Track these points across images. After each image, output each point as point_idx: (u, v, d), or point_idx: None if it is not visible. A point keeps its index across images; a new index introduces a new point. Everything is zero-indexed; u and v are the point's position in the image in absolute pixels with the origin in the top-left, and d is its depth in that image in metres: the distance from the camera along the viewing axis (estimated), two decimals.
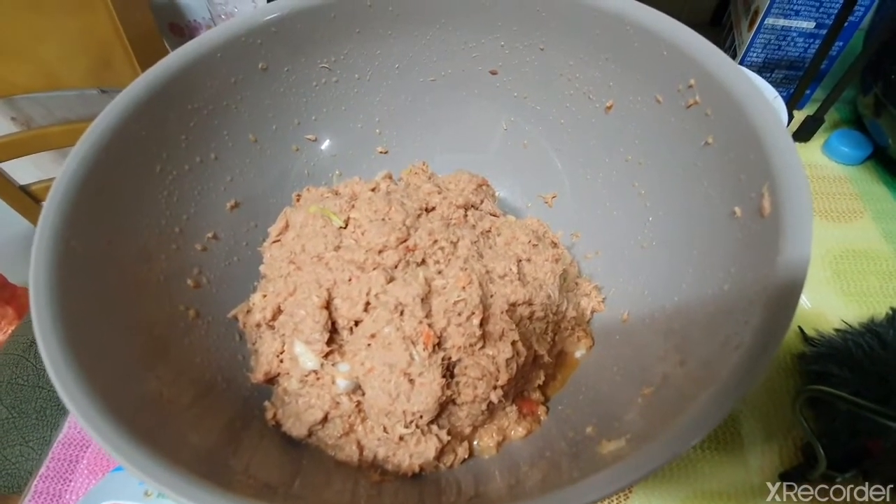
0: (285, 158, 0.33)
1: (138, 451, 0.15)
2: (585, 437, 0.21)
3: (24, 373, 0.75)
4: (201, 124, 0.28)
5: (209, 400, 0.23)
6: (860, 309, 0.34)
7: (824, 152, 0.43)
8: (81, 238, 0.20)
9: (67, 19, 0.54)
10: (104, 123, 0.23)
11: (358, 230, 0.25)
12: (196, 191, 0.28)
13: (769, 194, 0.19)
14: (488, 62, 0.33)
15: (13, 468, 0.64)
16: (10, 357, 0.71)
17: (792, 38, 0.42)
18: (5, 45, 0.57)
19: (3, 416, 0.65)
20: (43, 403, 0.74)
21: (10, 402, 0.68)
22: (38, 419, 0.73)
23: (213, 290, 0.27)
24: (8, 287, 0.93)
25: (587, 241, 0.32)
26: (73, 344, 0.17)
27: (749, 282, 0.18)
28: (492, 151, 0.36)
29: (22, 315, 0.94)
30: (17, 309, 0.92)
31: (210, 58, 0.27)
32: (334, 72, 0.33)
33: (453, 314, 0.22)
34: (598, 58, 0.29)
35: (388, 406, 0.21)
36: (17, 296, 0.93)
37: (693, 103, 0.24)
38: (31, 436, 0.70)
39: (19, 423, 0.71)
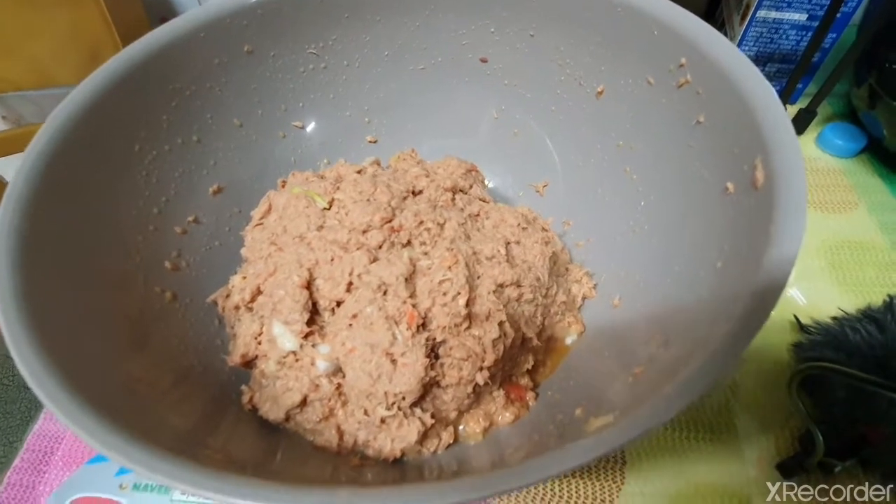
0: (271, 145, 0.33)
1: (111, 432, 0.14)
2: (574, 418, 0.20)
3: (9, 373, 0.74)
4: (184, 105, 0.28)
5: (187, 386, 0.22)
6: (856, 299, 0.33)
7: (818, 145, 0.43)
8: (51, 213, 0.19)
9: (58, 14, 0.54)
10: (80, 97, 0.22)
11: (342, 210, 0.25)
12: (177, 173, 0.27)
13: (762, 165, 0.18)
14: (478, 49, 0.33)
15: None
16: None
17: (784, 31, 0.42)
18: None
19: None
20: (28, 405, 0.73)
21: None
22: (23, 420, 0.71)
23: (192, 274, 0.27)
24: None
25: (579, 229, 0.32)
26: (40, 327, 0.16)
27: (744, 256, 0.18)
28: (482, 140, 0.36)
29: None
30: None
31: (193, 37, 0.27)
32: (322, 58, 0.33)
33: (438, 294, 0.22)
34: (589, 42, 0.29)
35: (369, 387, 0.20)
36: None
37: (684, 83, 0.24)
38: (15, 436, 0.69)
39: (3, 424, 0.70)
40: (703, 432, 0.29)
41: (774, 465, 0.27)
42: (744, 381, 0.30)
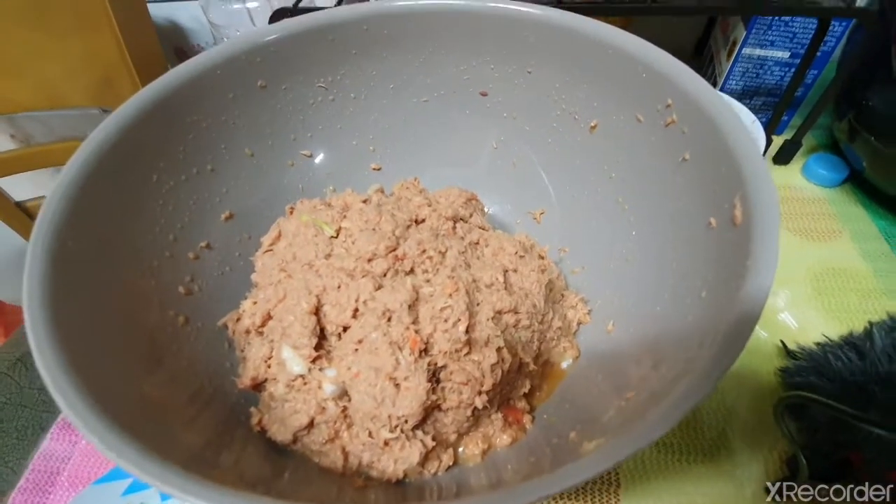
0: (280, 173, 0.34)
1: (128, 444, 0.15)
2: (569, 441, 0.21)
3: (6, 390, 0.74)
4: (199, 137, 0.29)
5: (198, 406, 0.23)
6: (840, 325, 0.34)
7: (804, 175, 0.45)
8: (78, 238, 0.21)
9: (72, 40, 0.56)
10: (105, 132, 0.24)
11: (349, 239, 0.26)
12: (191, 201, 0.29)
13: (741, 204, 0.20)
14: (479, 84, 0.35)
15: None
16: None
17: (768, 67, 0.45)
18: (8, 64, 0.58)
19: None
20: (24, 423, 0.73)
21: None
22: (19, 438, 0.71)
23: (204, 298, 0.28)
24: None
25: (574, 256, 0.33)
26: (66, 344, 0.17)
27: (723, 286, 0.19)
28: (482, 169, 0.37)
29: (9, 333, 0.93)
30: (4, 326, 0.91)
31: (210, 74, 0.28)
32: (331, 91, 0.34)
33: (440, 320, 0.23)
34: (583, 80, 0.30)
35: (373, 410, 0.21)
36: (5, 313, 0.92)
37: (671, 122, 0.26)
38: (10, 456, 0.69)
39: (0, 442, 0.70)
40: (696, 455, 0.29)
41: (763, 487, 0.27)
42: (736, 405, 0.31)
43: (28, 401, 0.69)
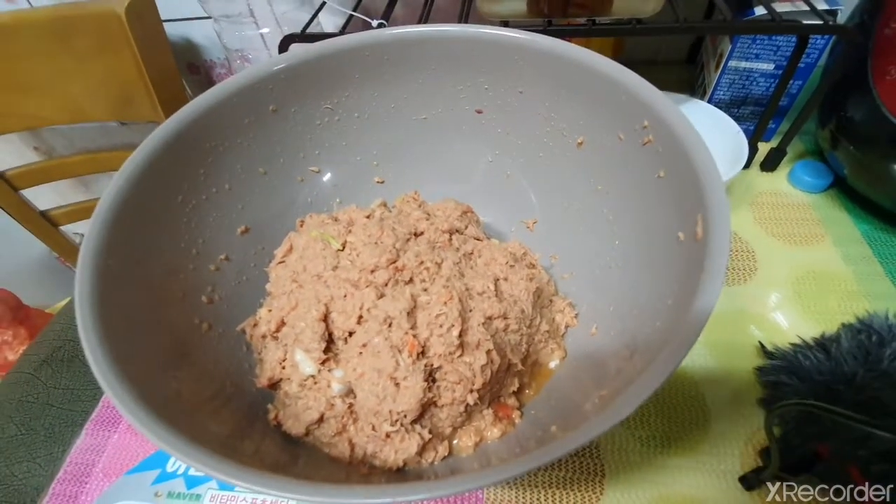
0: (291, 188, 0.37)
1: (171, 433, 0.18)
2: (549, 434, 0.23)
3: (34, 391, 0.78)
4: (217, 160, 0.32)
5: (220, 401, 0.26)
6: (819, 327, 0.36)
7: (789, 181, 0.47)
8: (116, 258, 0.24)
9: (94, 61, 0.59)
10: (136, 161, 0.27)
11: (353, 252, 0.29)
12: (211, 217, 0.32)
13: (702, 222, 0.22)
14: (474, 102, 0.37)
15: (20, 484, 0.66)
16: (22, 375, 0.73)
17: (754, 78, 0.46)
18: (34, 83, 0.62)
19: (12, 433, 0.68)
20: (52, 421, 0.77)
21: (19, 419, 0.70)
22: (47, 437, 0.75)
23: (224, 306, 0.31)
24: (22, 308, 0.97)
25: (564, 263, 0.36)
26: (111, 347, 0.20)
27: (685, 296, 0.21)
28: (478, 181, 0.40)
29: (34, 335, 0.97)
30: (30, 329, 0.95)
31: (227, 103, 0.31)
32: (336, 111, 0.37)
33: (435, 326, 0.25)
34: (570, 100, 0.33)
35: (376, 406, 0.24)
36: (31, 317, 0.96)
37: (648, 141, 0.28)
38: (39, 452, 0.73)
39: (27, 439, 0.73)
40: (677, 447, 0.32)
41: (738, 478, 0.30)
42: (714, 401, 0.33)
43: (55, 400, 0.73)
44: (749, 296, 0.39)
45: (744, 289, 0.39)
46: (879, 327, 0.29)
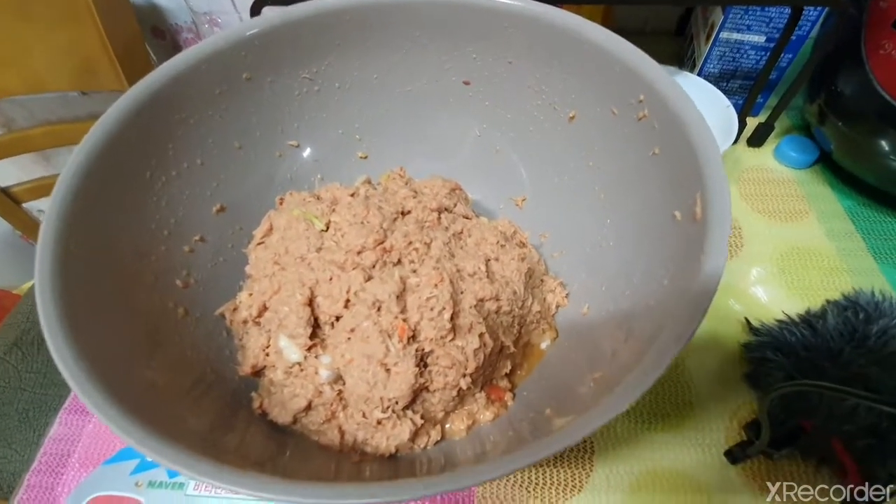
0: (269, 164, 0.35)
1: (143, 431, 0.17)
2: (544, 417, 0.23)
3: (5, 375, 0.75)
4: (188, 133, 0.30)
5: (200, 390, 0.25)
6: (802, 302, 0.37)
7: (775, 157, 0.47)
8: (79, 240, 0.22)
9: (55, 30, 0.55)
10: (97, 134, 0.24)
11: (338, 233, 0.27)
12: (184, 195, 0.30)
13: (701, 201, 0.21)
14: (461, 73, 0.36)
15: None
16: None
17: (745, 51, 0.46)
18: None
19: None
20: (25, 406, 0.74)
21: None
22: (21, 421, 0.73)
23: (200, 290, 0.29)
24: None
25: (554, 241, 0.35)
26: (76, 336, 0.19)
27: (683, 276, 0.21)
28: (465, 156, 0.38)
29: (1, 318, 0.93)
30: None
31: (196, 70, 0.29)
32: (316, 81, 0.35)
33: (426, 309, 0.24)
34: (562, 71, 0.31)
35: (366, 393, 0.23)
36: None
37: (643, 116, 0.27)
38: (14, 438, 0.70)
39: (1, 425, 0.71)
40: (663, 423, 0.32)
41: (723, 452, 0.30)
42: (699, 376, 0.34)
43: (27, 384, 0.71)
44: (734, 272, 0.39)
45: (729, 264, 0.40)
46: (866, 304, 0.29)
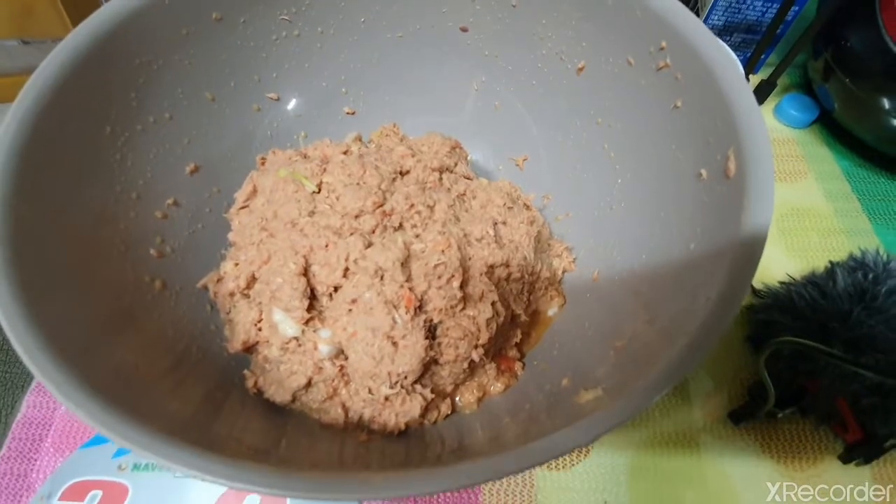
0: (246, 119, 0.32)
1: (116, 418, 0.15)
2: (561, 388, 0.22)
3: None
4: (152, 81, 0.26)
5: (184, 370, 0.22)
6: (801, 263, 0.37)
7: (776, 116, 0.45)
8: (31, 205, 0.19)
9: None
10: (40, 83, 0.21)
11: (332, 195, 0.25)
12: (151, 154, 0.26)
13: (735, 157, 0.20)
14: (458, 18, 0.32)
15: None
16: None
17: (751, 2, 0.43)
18: None
19: None
20: None
21: None
22: None
23: (178, 260, 0.26)
24: None
25: (558, 203, 0.33)
26: (36, 316, 0.16)
27: (715, 240, 0.20)
28: (463, 112, 0.36)
29: None
30: None
31: (157, 6, 0.25)
32: (295, 24, 0.31)
33: (433, 277, 0.23)
34: (572, 16, 0.28)
35: (372, 369, 0.21)
36: None
37: (664, 66, 0.25)
38: None
39: None
40: None
41: (727, 413, 0.30)
42: None
43: None
44: None
45: None
46: (874, 264, 0.29)
